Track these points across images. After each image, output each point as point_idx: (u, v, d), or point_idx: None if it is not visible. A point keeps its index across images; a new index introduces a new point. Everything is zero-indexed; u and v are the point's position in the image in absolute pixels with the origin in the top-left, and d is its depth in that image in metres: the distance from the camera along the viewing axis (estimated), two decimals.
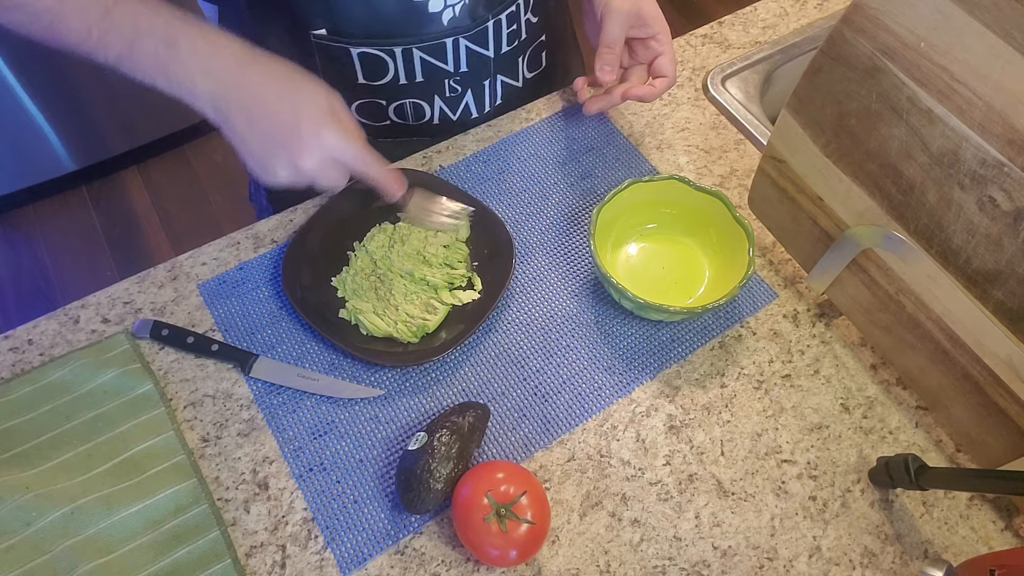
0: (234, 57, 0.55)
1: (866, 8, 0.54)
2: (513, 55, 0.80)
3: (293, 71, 0.57)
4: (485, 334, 0.68)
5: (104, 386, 0.63)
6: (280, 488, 0.60)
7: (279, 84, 0.56)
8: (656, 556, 0.58)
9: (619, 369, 0.67)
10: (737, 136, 0.83)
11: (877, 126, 0.56)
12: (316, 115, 0.56)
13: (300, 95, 0.57)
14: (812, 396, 0.66)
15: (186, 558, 0.56)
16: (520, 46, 0.80)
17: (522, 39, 0.79)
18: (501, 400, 0.65)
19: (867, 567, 0.59)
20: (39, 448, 0.60)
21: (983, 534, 0.60)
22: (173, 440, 0.61)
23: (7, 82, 1.65)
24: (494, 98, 0.83)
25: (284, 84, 0.57)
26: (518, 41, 0.79)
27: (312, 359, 0.67)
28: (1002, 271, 0.51)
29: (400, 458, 0.59)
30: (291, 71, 0.57)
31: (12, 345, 0.66)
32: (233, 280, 0.71)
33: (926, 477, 0.56)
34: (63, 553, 0.55)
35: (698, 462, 0.63)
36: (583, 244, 0.74)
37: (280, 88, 0.56)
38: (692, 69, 0.89)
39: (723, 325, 0.70)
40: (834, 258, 0.64)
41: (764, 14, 0.95)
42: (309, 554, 0.58)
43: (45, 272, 1.86)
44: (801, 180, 0.65)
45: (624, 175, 0.79)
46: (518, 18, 0.77)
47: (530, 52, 0.82)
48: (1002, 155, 0.49)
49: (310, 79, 0.58)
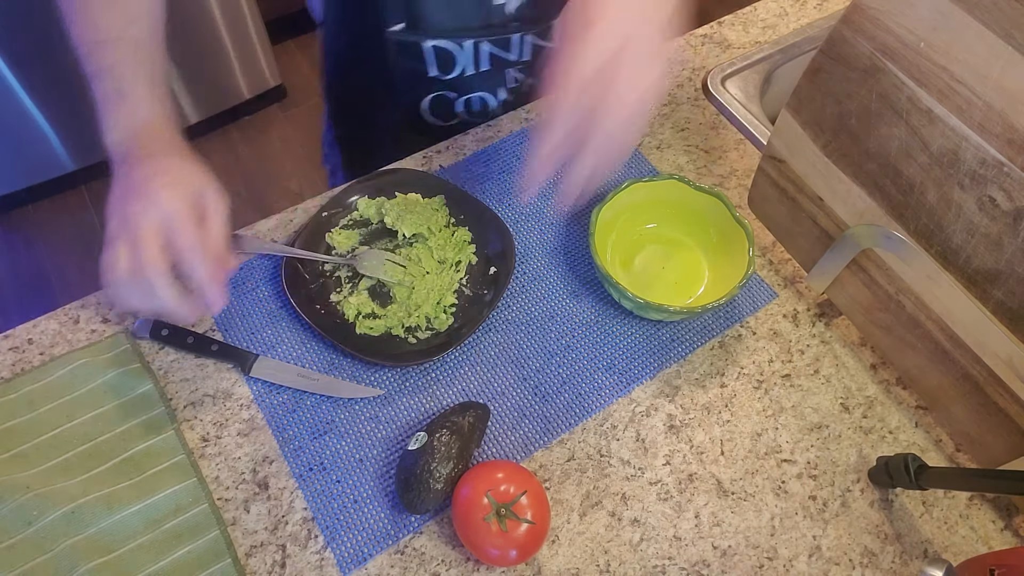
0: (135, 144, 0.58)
1: (866, 8, 0.54)
2: None
3: (195, 165, 0.58)
4: (485, 334, 0.68)
5: (104, 386, 0.63)
6: (280, 488, 0.60)
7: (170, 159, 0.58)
8: (656, 556, 0.58)
9: (619, 369, 0.67)
10: (737, 136, 0.83)
11: (877, 126, 0.56)
12: (174, 183, 0.56)
13: (180, 172, 0.57)
14: (812, 396, 0.66)
15: (186, 558, 0.56)
16: None
17: None
18: (501, 400, 0.65)
19: (867, 567, 0.59)
20: (39, 448, 0.60)
21: (983, 534, 0.60)
22: (173, 440, 0.62)
23: (7, 82, 1.65)
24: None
25: (175, 161, 0.58)
26: None
27: (312, 359, 0.67)
28: (1002, 271, 0.51)
29: (400, 458, 0.59)
30: (192, 164, 0.58)
31: (12, 345, 0.66)
32: (233, 280, 0.71)
33: (926, 477, 0.56)
34: (64, 552, 0.55)
35: (698, 462, 0.63)
36: (583, 244, 0.74)
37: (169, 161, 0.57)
38: (692, 69, 0.89)
39: (723, 325, 0.70)
40: (834, 258, 0.65)
41: (764, 14, 0.95)
42: (309, 554, 0.58)
43: (45, 272, 1.86)
44: (801, 180, 0.65)
45: (624, 175, 0.79)
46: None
47: None
48: (1002, 155, 0.49)
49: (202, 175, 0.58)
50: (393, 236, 0.73)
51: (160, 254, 0.53)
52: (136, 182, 0.55)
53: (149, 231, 0.53)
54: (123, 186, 0.56)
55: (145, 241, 0.53)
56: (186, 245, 0.54)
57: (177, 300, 0.54)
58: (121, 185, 0.56)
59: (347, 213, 0.74)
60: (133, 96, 0.58)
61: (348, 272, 0.71)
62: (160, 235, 0.53)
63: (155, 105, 0.59)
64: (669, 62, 0.52)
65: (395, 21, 0.74)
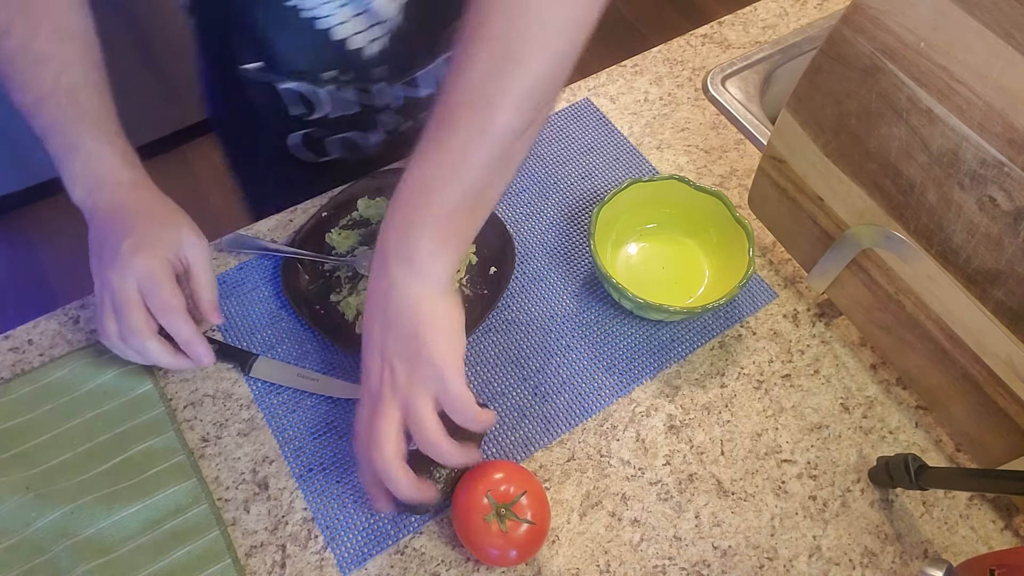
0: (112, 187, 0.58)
1: (866, 8, 0.54)
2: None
3: (163, 207, 0.59)
4: (485, 334, 0.68)
5: (104, 386, 0.63)
6: (280, 488, 0.60)
7: (136, 215, 0.58)
8: (656, 556, 0.58)
9: (619, 369, 0.67)
10: (737, 136, 0.83)
11: (877, 126, 0.56)
12: (145, 245, 0.56)
13: (148, 229, 0.57)
14: (812, 396, 0.66)
15: (186, 558, 0.56)
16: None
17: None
18: (501, 400, 0.65)
19: (867, 567, 0.59)
20: (39, 448, 0.60)
21: (983, 534, 0.60)
22: (173, 440, 0.61)
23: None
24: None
25: (141, 218, 0.58)
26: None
27: (312, 359, 0.67)
28: (1002, 271, 0.51)
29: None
30: (160, 208, 0.59)
31: (12, 345, 0.66)
32: (233, 280, 0.71)
33: (926, 477, 0.56)
34: (63, 553, 0.55)
35: (698, 462, 0.63)
36: (583, 244, 0.74)
37: (135, 219, 0.57)
38: (692, 69, 0.89)
39: (723, 325, 0.70)
40: (834, 258, 0.64)
41: (764, 14, 0.95)
42: (309, 554, 0.58)
43: (45, 272, 1.86)
44: (801, 180, 0.65)
45: (624, 175, 0.79)
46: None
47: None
48: (1002, 155, 0.49)
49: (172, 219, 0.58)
50: None
51: (144, 319, 0.56)
52: (108, 245, 0.56)
53: (129, 298, 0.56)
54: (97, 245, 0.57)
55: (127, 308, 0.55)
56: (162, 309, 0.56)
57: (168, 358, 0.58)
58: (96, 244, 0.58)
59: (347, 213, 0.74)
60: (83, 149, 0.58)
61: (348, 272, 0.71)
62: (140, 299, 0.56)
63: (105, 151, 0.58)
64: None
65: (250, 59, 0.70)
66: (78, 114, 0.58)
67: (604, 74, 0.88)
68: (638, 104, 0.85)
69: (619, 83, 0.87)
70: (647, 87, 0.87)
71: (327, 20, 0.65)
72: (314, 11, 0.64)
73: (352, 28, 0.66)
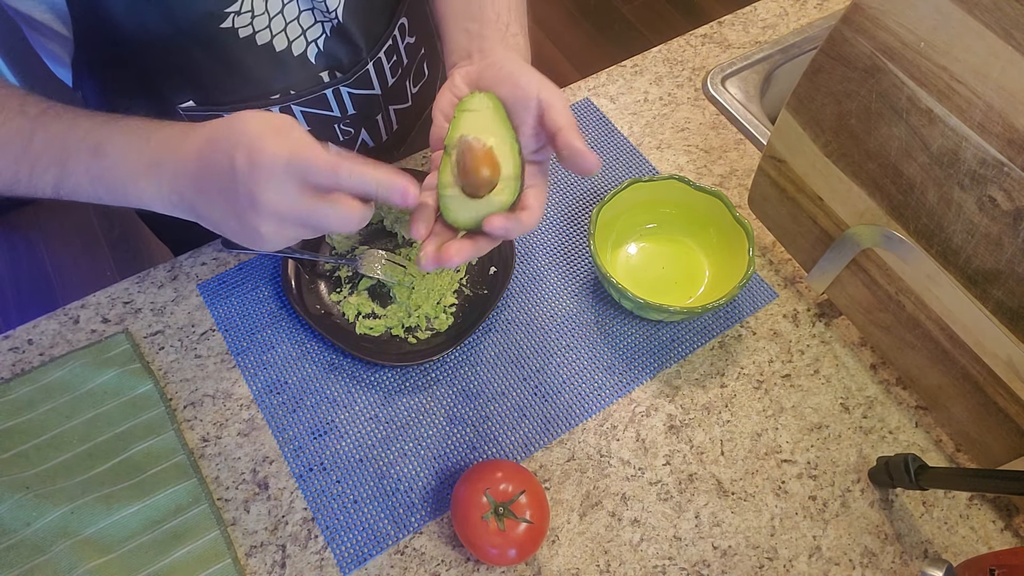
0: (164, 144, 0.48)
1: (866, 8, 0.54)
2: (400, 82, 0.76)
3: (224, 125, 0.46)
4: (485, 334, 0.68)
5: (104, 386, 0.63)
6: (280, 488, 0.60)
7: (213, 148, 0.46)
8: (656, 556, 0.58)
9: (619, 369, 0.67)
10: (737, 136, 0.83)
11: (877, 126, 0.56)
12: (248, 171, 0.44)
13: (233, 153, 0.44)
14: (812, 396, 0.66)
15: (186, 558, 0.56)
16: (404, 72, 0.76)
17: (405, 65, 0.75)
18: (501, 400, 0.65)
19: (867, 567, 0.59)
20: (39, 448, 0.60)
21: (983, 534, 0.60)
22: (173, 440, 0.61)
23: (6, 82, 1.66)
24: (389, 127, 0.79)
25: (216, 146, 0.46)
26: (402, 69, 0.75)
27: (312, 359, 0.67)
28: (1002, 271, 0.51)
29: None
30: (222, 126, 0.46)
31: (12, 345, 0.66)
32: (233, 280, 0.71)
33: (926, 477, 0.56)
34: (63, 553, 0.55)
35: (698, 462, 0.63)
36: (583, 244, 0.74)
37: (214, 153, 0.46)
38: (692, 69, 0.89)
39: (723, 325, 0.70)
40: (834, 258, 0.64)
41: (764, 14, 0.95)
42: (309, 554, 0.58)
43: (45, 272, 1.86)
44: (801, 180, 0.65)
45: (624, 175, 0.79)
46: (397, 48, 0.72)
47: (414, 71, 0.79)
48: (1002, 155, 0.49)
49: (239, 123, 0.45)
50: (393, 236, 0.73)
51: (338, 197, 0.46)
52: (227, 190, 0.45)
53: (303, 194, 0.44)
54: (220, 203, 0.46)
55: (312, 206, 0.45)
56: (333, 166, 0.44)
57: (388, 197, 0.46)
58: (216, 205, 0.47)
59: None
60: (105, 144, 0.49)
61: (348, 272, 0.71)
62: (312, 189, 0.45)
63: (120, 126, 0.50)
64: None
65: (182, 99, 0.64)
66: (68, 125, 0.50)
67: (604, 74, 0.88)
68: (638, 104, 0.85)
69: (619, 83, 0.87)
70: (647, 87, 0.87)
71: (266, 32, 0.61)
72: (251, 24, 0.59)
73: (293, 32, 0.62)
